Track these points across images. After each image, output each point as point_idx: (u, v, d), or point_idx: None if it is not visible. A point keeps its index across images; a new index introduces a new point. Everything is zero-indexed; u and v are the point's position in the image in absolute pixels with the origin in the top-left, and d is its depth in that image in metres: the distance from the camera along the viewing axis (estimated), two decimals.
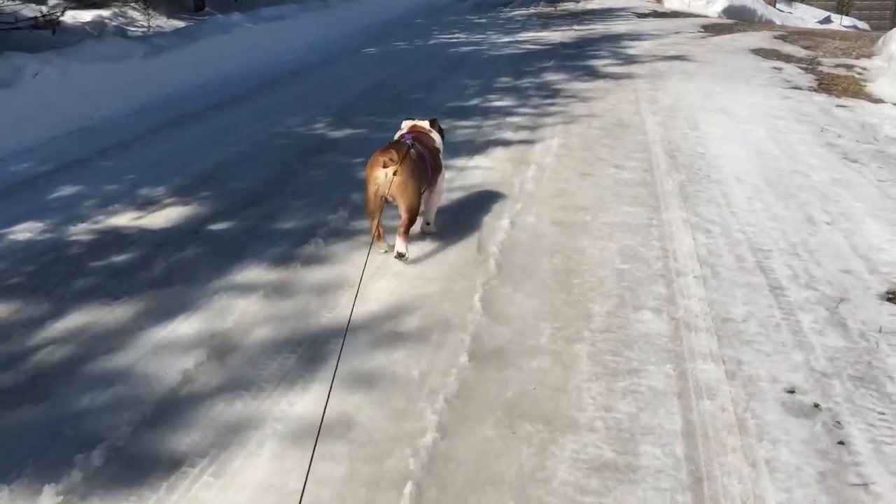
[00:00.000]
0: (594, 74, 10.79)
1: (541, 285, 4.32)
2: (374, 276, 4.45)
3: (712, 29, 16.20)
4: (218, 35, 11.57)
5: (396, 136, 4.78)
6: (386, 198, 4.30)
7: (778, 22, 22.45)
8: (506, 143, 7.29)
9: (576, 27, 16.45)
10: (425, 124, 4.96)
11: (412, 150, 4.39)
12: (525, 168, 6.49)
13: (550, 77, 10.65)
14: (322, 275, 4.54)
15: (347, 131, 7.91)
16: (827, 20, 28.54)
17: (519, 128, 7.88)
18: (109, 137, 7.83)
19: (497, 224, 5.23)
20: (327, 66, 12.01)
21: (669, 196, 5.72)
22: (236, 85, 10.28)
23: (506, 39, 14.76)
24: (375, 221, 4.43)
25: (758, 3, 23.64)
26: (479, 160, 6.71)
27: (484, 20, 18.41)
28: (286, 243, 4.99)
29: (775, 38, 14.76)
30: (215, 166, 6.75)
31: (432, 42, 14.66)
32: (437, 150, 4.82)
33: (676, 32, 15.40)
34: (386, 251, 4.58)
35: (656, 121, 7.99)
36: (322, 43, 14.23)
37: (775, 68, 11.27)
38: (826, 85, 10.04)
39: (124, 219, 5.52)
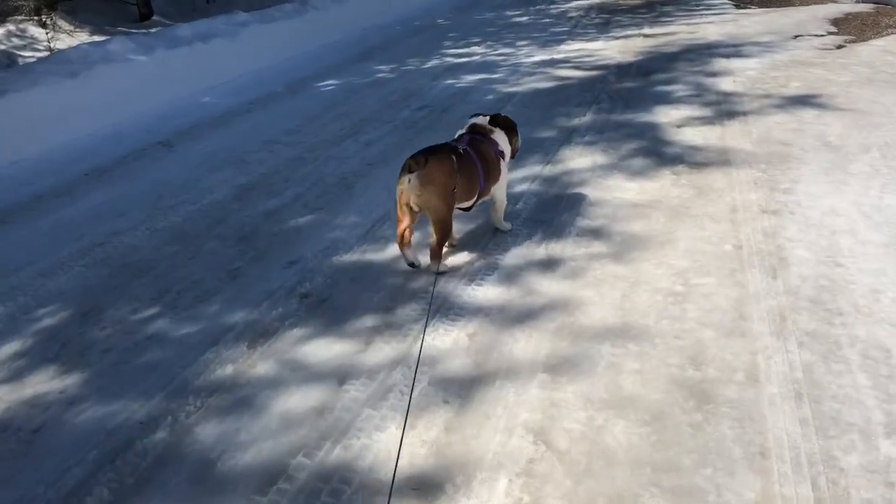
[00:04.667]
0: (656, 153, 5.65)
1: None
2: None
3: (847, 26, 10.55)
4: (56, 81, 6.95)
5: (456, 136, 4.15)
6: (411, 206, 3.72)
7: None
8: None
9: (646, 30, 11.09)
10: (486, 122, 4.18)
11: (453, 155, 3.77)
12: None
13: (573, 161, 5.59)
14: None
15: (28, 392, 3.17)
16: None
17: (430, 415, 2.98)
18: None
19: None
20: (229, 126, 7.31)
21: None
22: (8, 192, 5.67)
23: (537, 58, 9.62)
24: (400, 227, 3.84)
25: None
26: None
27: (525, 19, 13.23)
28: None
29: None
30: None
31: (430, 64, 9.67)
32: (497, 154, 4.08)
33: (795, 37, 9.87)
34: (412, 264, 3.93)
35: (792, 368, 3.03)
36: (268, 71, 9.55)
37: None
38: None
39: None
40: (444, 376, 3.10)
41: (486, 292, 3.77)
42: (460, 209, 3.98)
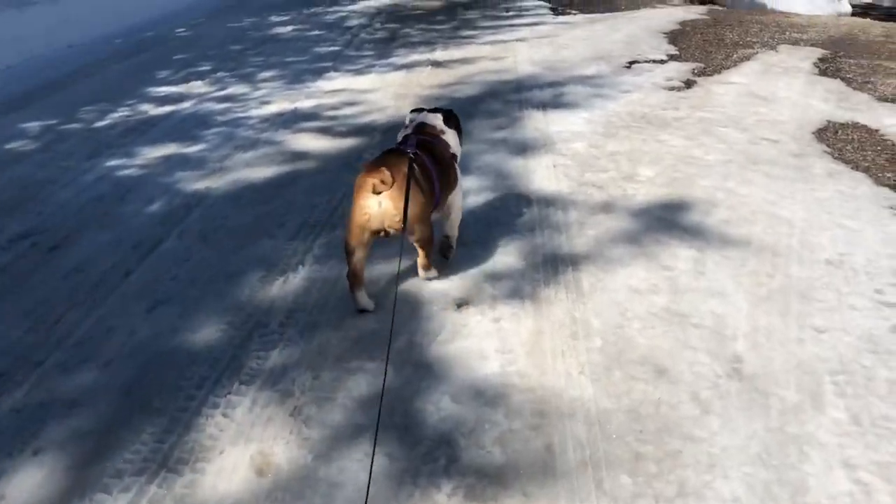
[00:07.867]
0: (412, 434, 2.57)
1: None
2: None
3: (688, 45, 8.01)
4: None
5: (400, 138, 3.22)
6: (384, 231, 2.88)
7: (775, 7, 13.93)
8: None
9: (439, 53, 7.96)
10: (437, 120, 3.27)
11: (414, 165, 2.88)
12: None
13: (212, 483, 2.22)
14: None
15: None
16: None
17: None
18: None
19: None
20: None
21: None
22: None
23: (275, 107, 6.25)
24: (353, 260, 2.91)
25: None
26: None
27: (289, 29, 9.75)
28: None
29: (820, 68, 6.66)
30: None
31: (111, 119, 6.08)
32: (451, 157, 3.22)
33: (630, 65, 7.10)
34: (363, 308, 3.00)
35: None
36: None
37: None
38: None
39: None
40: None
41: None
42: None
